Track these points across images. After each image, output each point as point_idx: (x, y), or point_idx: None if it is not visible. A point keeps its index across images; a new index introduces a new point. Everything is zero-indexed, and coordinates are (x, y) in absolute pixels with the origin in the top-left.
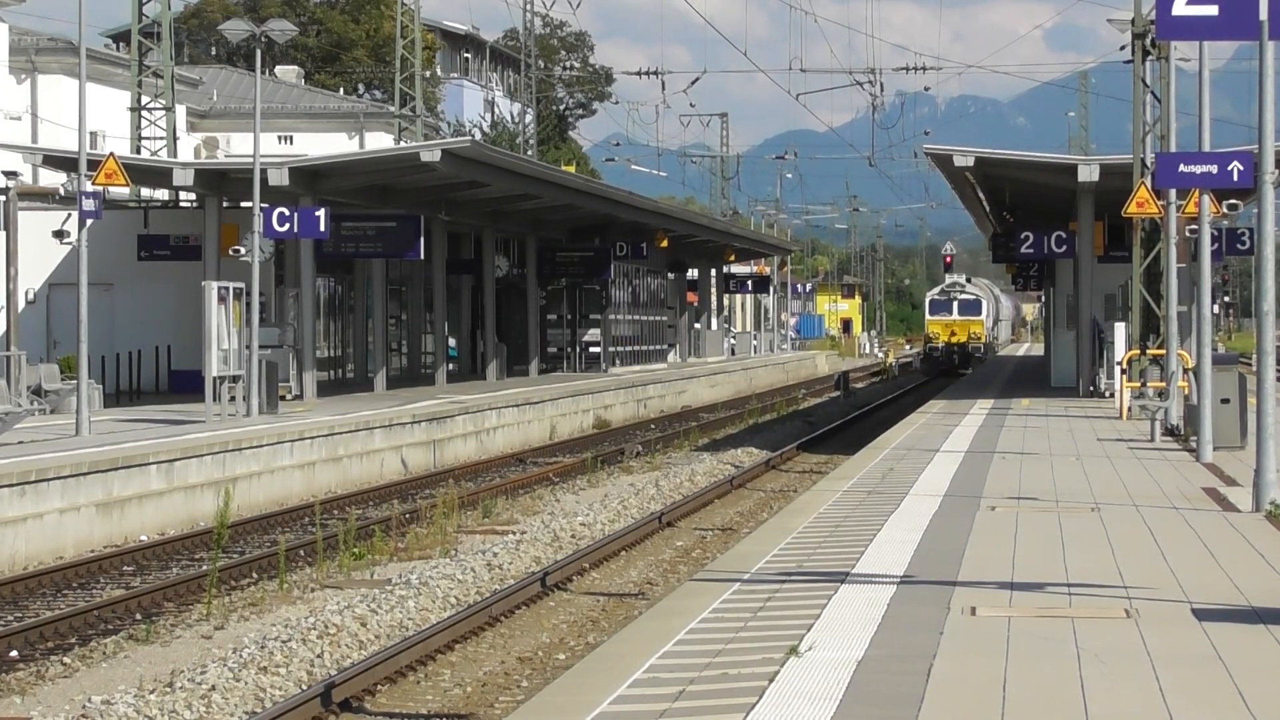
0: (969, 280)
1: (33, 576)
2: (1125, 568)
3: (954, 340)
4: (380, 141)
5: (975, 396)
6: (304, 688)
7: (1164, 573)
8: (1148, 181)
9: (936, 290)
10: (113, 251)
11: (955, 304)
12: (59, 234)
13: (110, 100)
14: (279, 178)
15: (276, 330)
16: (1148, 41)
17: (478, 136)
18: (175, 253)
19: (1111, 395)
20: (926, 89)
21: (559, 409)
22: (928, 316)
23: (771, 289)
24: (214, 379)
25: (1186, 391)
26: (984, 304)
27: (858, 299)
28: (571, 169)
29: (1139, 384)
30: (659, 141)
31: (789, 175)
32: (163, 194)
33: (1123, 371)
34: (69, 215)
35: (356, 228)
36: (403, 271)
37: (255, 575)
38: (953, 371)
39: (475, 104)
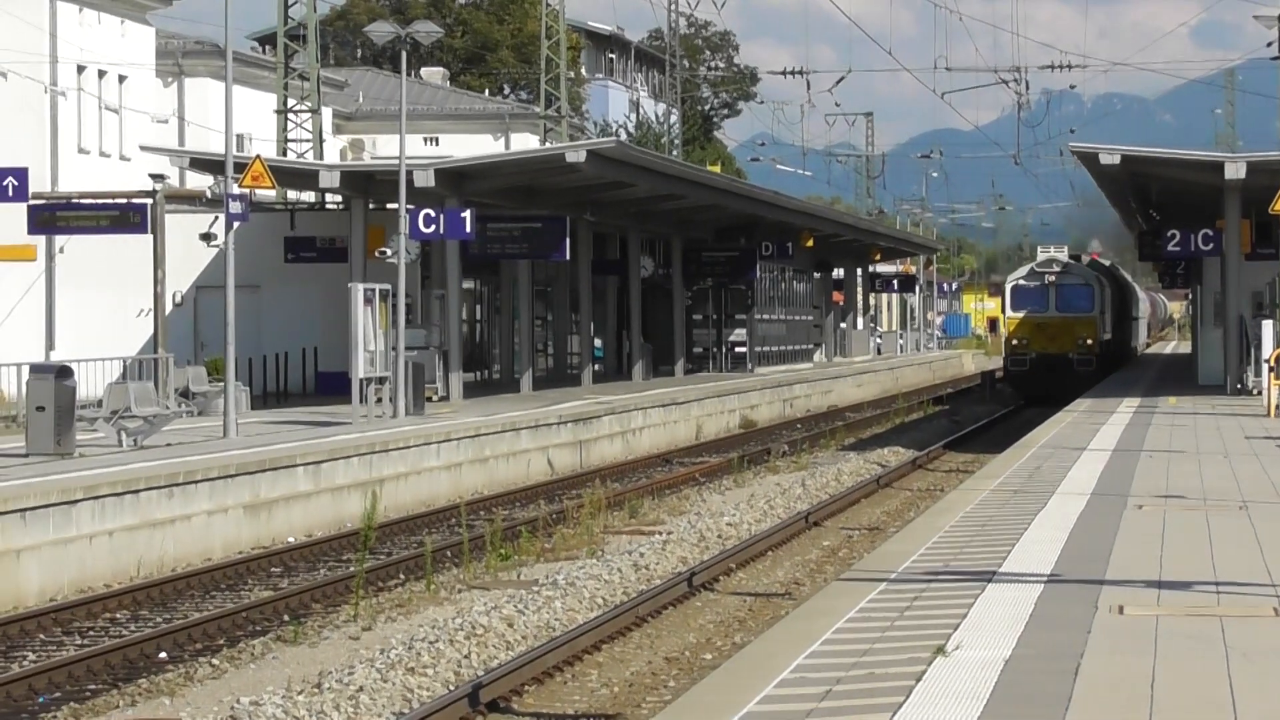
0: (1075, 258)
1: (181, 578)
2: (1274, 566)
3: (1049, 348)
4: (525, 142)
5: (1122, 395)
6: (451, 688)
7: None
8: None
9: (1023, 271)
10: (259, 254)
11: (1051, 292)
12: (206, 236)
13: (256, 103)
14: (425, 179)
15: (423, 331)
16: None
17: (623, 137)
18: (321, 255)
19: (1259, 393)
20: (1072, 87)
21: (705, 409)
22: (1008, 312)
23: (917, 288)
24: (360, 380)
25: None
26: (1095, 293)
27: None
28: (717, 169)
29: None
30: (804, 141)
31: (934, 174)
32: (309, 196)
33: (1271, 369)
34: (216, 218)
35: (502, 229)
36: (548, 272)
37: (402, 576)
38: (1046, 398)
39: (620, 104)
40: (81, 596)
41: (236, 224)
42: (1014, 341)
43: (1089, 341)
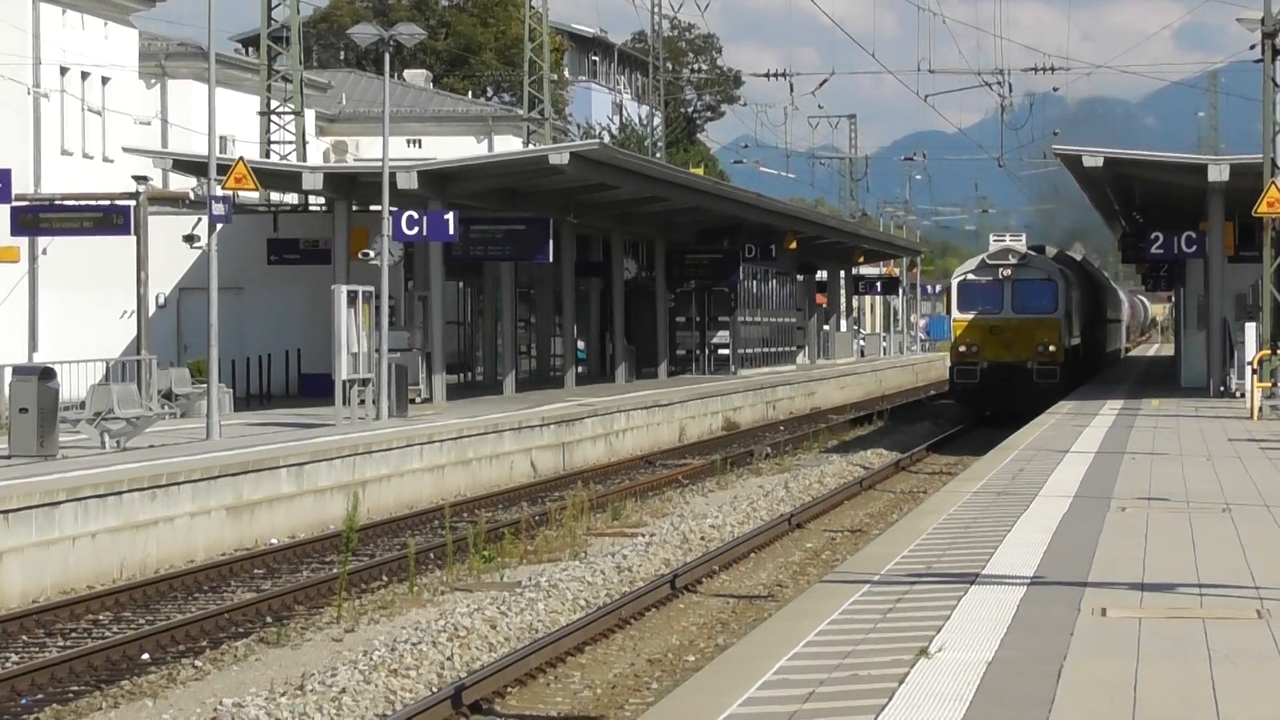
0: (1037, 250)
1: (164, 580)
2: (1257, 568)
3: (1004, 357)
4: (508, 145)
5: (1105, 397)
6: (434, 690)
7: None
8: (1278, 181)
9: (973, 264)
10: (242, 255)
11: (1006, 289)
12: (189, 238)
13: (239, 105)
14: (408, 181)
15: (406, 334)
16: (1278, 40)
17: (606, 139)
18: (305, 256)
19: (1242, 395)
20: (1055, 89)
21: (688, 411)
22: (955, 313)
23: (901, 290)
24: (344, 382)
25: None
26: (1059, 290)
27: None
28: (700, 171)
29: (1270, 384)
30: (787, 143)
31: (918, 176)
32: (292, 198)
33: (1254, 371)
34: (199, 220)
35: (485, 231)
36: (532, 274)
37: (385, 578)
38: (1000, 416)
39: (603, 107)
40: (64, 598)
41: (219, 226)
42: (961, 348)
43: (1051, 348)
